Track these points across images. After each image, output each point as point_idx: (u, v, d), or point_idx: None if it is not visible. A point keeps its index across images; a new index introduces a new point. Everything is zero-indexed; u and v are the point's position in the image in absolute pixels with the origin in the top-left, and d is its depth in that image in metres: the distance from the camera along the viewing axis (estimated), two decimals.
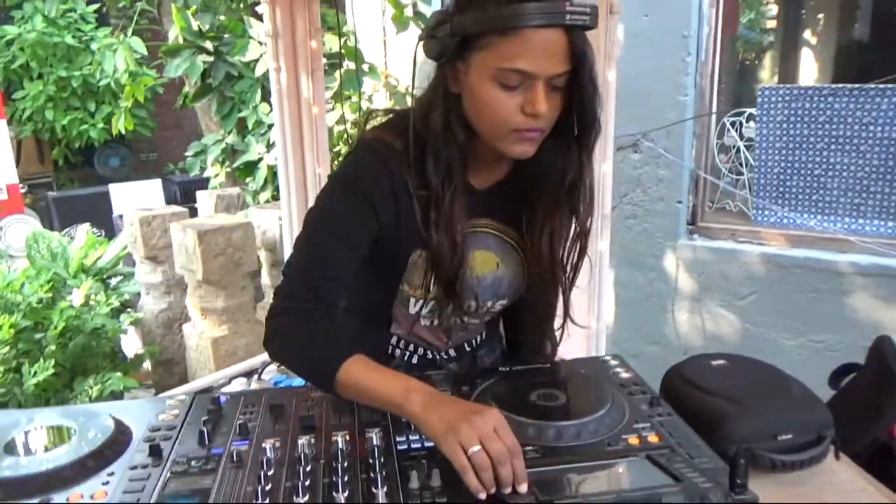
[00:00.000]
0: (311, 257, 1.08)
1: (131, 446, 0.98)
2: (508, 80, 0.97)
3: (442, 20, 0.99)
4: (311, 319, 1.05)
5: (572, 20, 0.93)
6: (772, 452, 1.02)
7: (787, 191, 3.08)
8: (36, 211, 8.24)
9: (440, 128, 1.04)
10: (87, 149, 9.18)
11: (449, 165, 1.05)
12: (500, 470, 0.83)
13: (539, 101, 0.97)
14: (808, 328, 2.98)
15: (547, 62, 0.95)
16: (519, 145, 1.02)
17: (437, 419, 0.88)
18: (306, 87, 2.73)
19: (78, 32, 8.38)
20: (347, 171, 1.12)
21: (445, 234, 1.07)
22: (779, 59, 5.82)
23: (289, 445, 0.97)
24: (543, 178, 1.11)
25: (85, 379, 2.96)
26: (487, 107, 1.00)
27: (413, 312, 1.20)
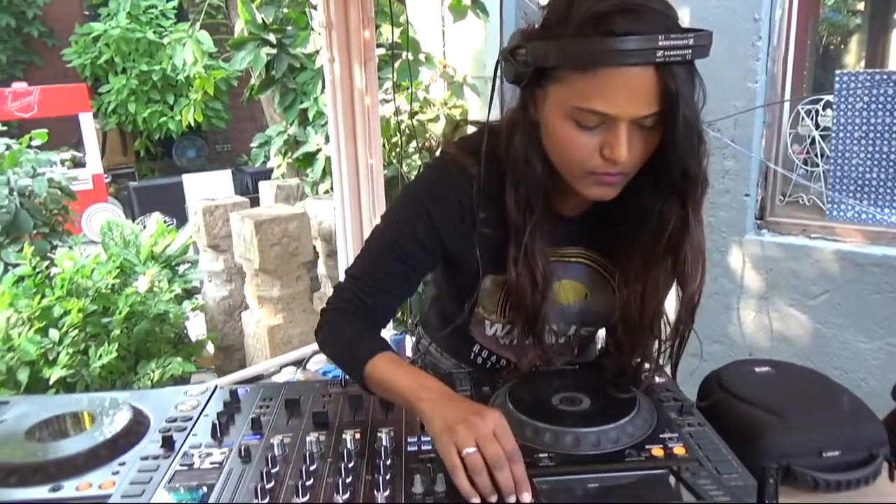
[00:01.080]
0: (367, 266, 1.09)
1: (146, 436, 0.99)
2: (585, 119, 0.86)
3: (519, 44, 0.89)
4: (354, 318, 1.07)
5: (665, 57, 0.80)
6: (815, 470, 0.94)
7: (865, 184, 2.87)
8: (119, 200, 8.66)
9: (520, 158, 0.95)
10: (167, 140, 9.58)
11: (528, 198, 0.97)
12: (497, 475, 0.78)
13: (619, 146, 0.85)
14: (885, 331, 2.78)
15: (630, 104, 0.83)
16: (597, 188, 0.92)
17: (439, 418, 0.85)
18: (359, 78, 2.73)
19: (158, 28, 8.72)
20: (418, 188, 1.09)
21: (526, 271, 0.99)
22: (866, 43, 5.46)
23: (298, 442, 0.96)
24: (640, 223, 0.98)
25: (148, 363, 3.08)
26: (562, 145, 0.90)
27: (490, 335, 1.16)
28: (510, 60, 0.91)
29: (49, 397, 1.15)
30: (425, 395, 0.90)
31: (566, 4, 0.84)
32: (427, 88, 3.63)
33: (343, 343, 1.07)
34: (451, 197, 1.02)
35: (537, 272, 0.99)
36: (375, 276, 1.07)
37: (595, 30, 0.80)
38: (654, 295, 1.01)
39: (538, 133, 0.94)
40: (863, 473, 0.94)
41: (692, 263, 0.97)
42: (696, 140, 0.87)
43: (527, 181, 0.96)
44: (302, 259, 3.28)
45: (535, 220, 0.98)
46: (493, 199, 1.00)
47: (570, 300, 1.10)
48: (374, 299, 1.07)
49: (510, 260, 1.00)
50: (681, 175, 0.90)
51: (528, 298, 1.01)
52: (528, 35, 0.90)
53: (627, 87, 0.82)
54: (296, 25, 4.18)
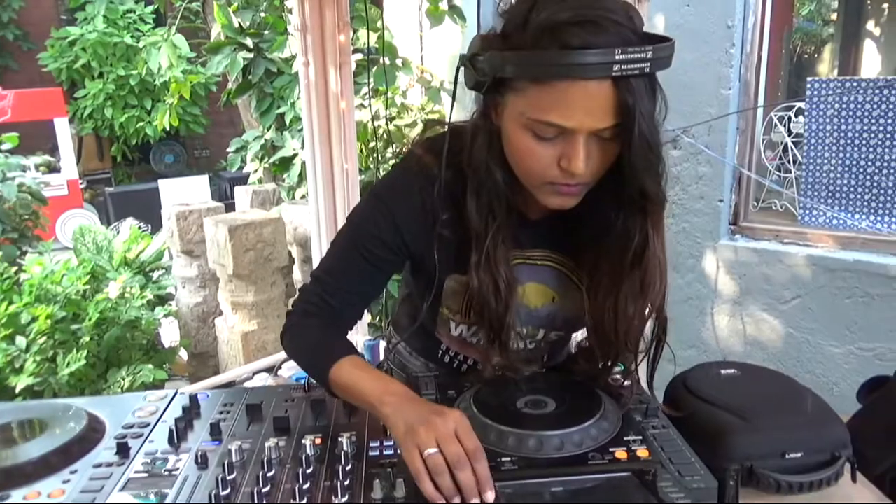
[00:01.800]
0: (331, 267, 1.08)
1: (101, 443, 0.96)
2: (542, 131, 0.84)
3: (478, 51, 0.87)
4: (319, 321, 1.06)
5: (623, 71, 0.78)
6: (778, 472, 0.94)
7: (837, 189, 2.91)
8: (95, 206, 8.55)
9: (481, 164, 0.94)
10: (144, 145, 9.48)
11: (490, 204, 0.95)
12: (459, 475, 0.77)
13: (577, 159, 0.84)
14: (856, 335, 2.81)
15: (587, 117, 0.81)
16: (555, 198, 0.91)
17: (400, 420, 0.84)
18: (335, 82, 2.71)
19: (136, 32, 8.64)
20: (382, 187, 1.07)
21: (488, 278, 0.97)
22: (838, 52, 5.55)
23: (258, 448, 0.94)
24: (605, 234, 0.97)
25: (118, 370, 3.03)
26: (520, 155, 0.89)
27: (455, 335, 1.14)
28: (469, 67, 0.89)
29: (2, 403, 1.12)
30: (388, 399, 0.89)
31: (524, 11, 0.82)
32: (405, 94, 3.62)
33: (308, 347, 1.05)
34: (414, 196, 1.00)
35: (500, 279, 0.97)
36: (339, 277, 1.06)
37: (551, 42, 0.79)
38: (626, 308, 0.99)
39: (499, 140, 0.92)
40: (825, 475, 0.94)
41: (654, 278, 0.96)
42: (653, 157, 0.86)
43: (488, 187, 0.95)
44: (277, 264, 3.25)
45: (497, 225, 0.96)
46: (457, 200, 0.99)
47: (538, 304, 1.09)
48: (338, 300, 1.06)
49: (472, 266, 0.98)
50: (639, 192, 0.89)
51: (490, 306, 0.99)
52: (488, 42, 0.87)
53: (584, 101, 0.80)
54: (273, 30, 4.16)
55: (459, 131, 0.99)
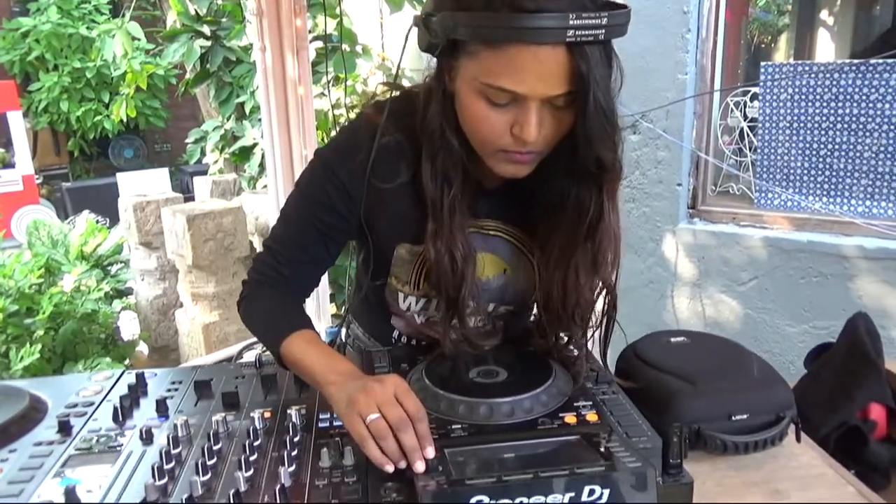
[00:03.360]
0: (282, 236, 1.06)
1: (42, 423, 0.94)
2: (495, 96, 0.83)
3: (430, 13, 0.85)
4: (273, 291, 1.05)
5: (577, 36, 0.76)
6: (725, 433, 0.95)
7: (791, 172, 2.97)
8: (51, 201, 8.34)
9: (436, 129, 0.91)
10: (103, 140, 9.26)
11: (446, 171, 0.93)
12: (402, 437, 0.77)
13: (529, 126, 0.82)
14: (811, 314, 2.88)
15: (540, 83, 0.80)
16: (508, 166, 0.90)
17: (342, 394, 0.83)
18: (292, 67, 2.68)
19: (92, 23, 8.42)
20: (329, 150, 1.04)
21: (445, 248, 0.95)
22: (794, 41, 5.65)
23: (205, 422, 0.92)
24: (558, 206, 0.96)
25: (75, 364, 2.96)
26: (473, 121, 0.87)
27: (403, 308, 1.11)
28: (422, 28, 0.87)
29: None
30: (333, 377, 0.88)
31: None
32: (366, 81, 3.59)
33: (261, 318, 1.04)
34: (362, 158, 0.97)
35: (456, 249, 0.95)
36: (290, 246, 1.04)
37: (504, 4, 0.77)
38: (576, 282, 0.98)
39: (453, 105, 0.90)
40: (769, 434, 0.96)
41: (606, 251, 0.95)
42: (608, 126, 0.84)
43: (443, 154, 0.92)
44: (238, 254, 3.20)
45: (453, 193, 0.94)
46: (411, 166, 0.97)
47: (490, 274, 1.08)
48: (290, 269, 1.04)
49: (428, 235, 0.96)
50: (595, 162, 0.87)
51: (447, 277, 0.97)
52: (441, 3, 0.85)
53: (536, 66, 0.78)
54: (231, 17, 4.09)
55: (412, 94, 0.98)
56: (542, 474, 0.76)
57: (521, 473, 0.76)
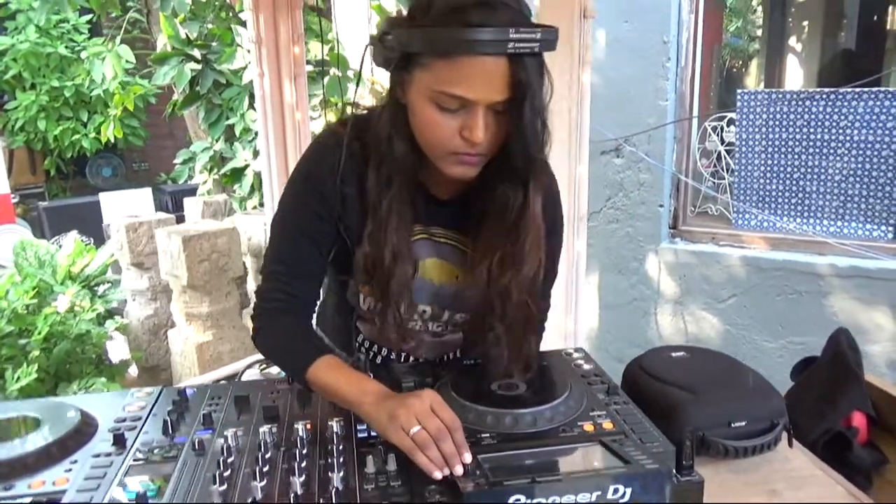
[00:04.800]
0: (277, 256, 1.11)
1: (96, 436, 1.00)
2: (446, 103, 0.92)
3: (387, 30, 0.95)
4: (284, 317, 1.10)
5: (515, 48, 0.87)
6: (725, 439, 1.05)
7: (767, 194, 3.11)
8: (27, 221, 8.24)
9: (384, 137, 1.00)
10: (80, 159, 9.20)
11: (389, 176, 1.01)
12: (442, 445, 0.85)
13: (476, 128, 0.92)
14: (787, 330, 3.01)
15: (486, 89, 0.90)
16: (458, 167, 0.98)
17: (381, 412, 0.91)
18: (289, 93, 2.76)
19: (71, 43, 8.41)
20: (301, 165, 1.12)
21: (376, 245, 1.04)
22: (765, 66, 5.88)
23: (251, 434, 0.99)
24: (489, 204, 1.04)
25: (69, 384, 2.97)
26: (425, 126, 0.96)
27: (364, 308, 1.18)
28: (378, 45, 0.96)
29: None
30: (367, 398, 0.95)
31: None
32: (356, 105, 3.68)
33: (281, 349, 1.10)
34: (331, 165, 1.05)
35: (386, 248, 1.03)
36: (289, 262, 1.09)
37: (454, 20, 0.87)
38: (499, 276, 1.04)
39: (404, 114, 0.99)
40: (766, 440, 1.06)
41: (532, 243, 1.04)
42: (539, 126, 0.95)
43: (389, 159, 1.01)
44: (232, 275, 3.25)
45: (392, 195, 1.02)
46: (362, 173, 1.05)
47: (442, 280, 1.14)
48: (294, 286, 1.10)
49: (365, 234, 1.04)
50: (524, 158, 0.97)
51: (381, 273, 1.05)
52: (395, 22, 0.96)
53: (483, 74, 0.89)
54: (221, 41, 4.16)
55: (372, 110, 1.08)
56: (571, 475, 0.85)
57: (551, 475, 0.85)
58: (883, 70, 5.46)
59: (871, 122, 2.80)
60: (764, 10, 6.01)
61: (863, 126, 2.82)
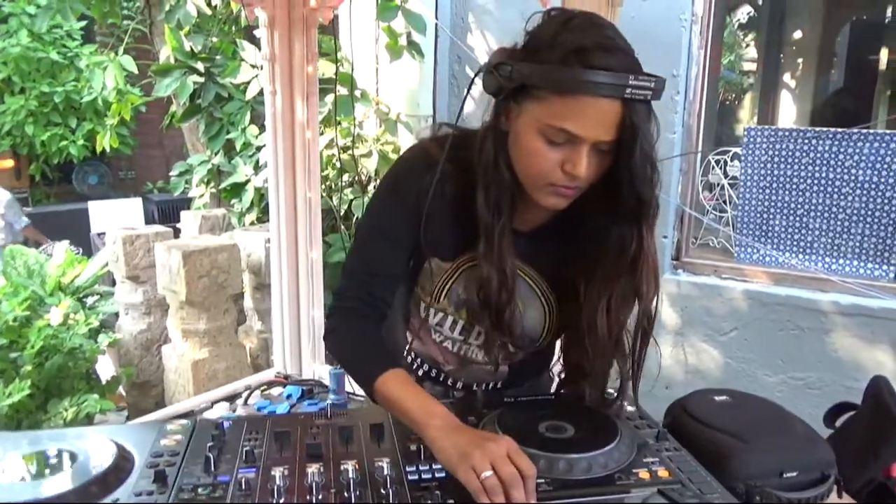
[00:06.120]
0: (359, 259, 1.17)
1: (134, 472, 0.96)
2: (554, 136, 0.96)
3: (503, 61, 0.98)
4: (360, 320, 1.14)
5: (632, 94, 0.92)
6: (777, 490, 1.03)
7: (769, 229, 3.14)
8: None
9: (490, 162, 1.04)
10: (66, 165, 9.07)
11: (498, 200, 1.05)
12: (514, 493, 0.84)
13: (580, 164, 0.96)
14: (788, 365, 3.02)
15: (596, 129, 0.93)
16: (552, 198, 1.03)
17: (451, 446, 0.90)
18: (301, 111, 2.74)
19: (63, 49, 8.34)
20: (391, 172, 1.18)
21: (495, 269, 1.07)
22: (758, 101, 5.97)
23: (297, 474, 0.96)
24: (600, 243, 1.07)
25: (60, 401, 2.89)
26: (529, 156, 1.00)
27: (422, 317, 1.22)
28: (494, 73, 0.99)
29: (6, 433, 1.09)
30: (434, 422, 0.95)
31: (553, 34, 0.95)
32: (361, 124, 3.66)
33: (352, 355, 1.14)
34: (418, 179, 1.09)
35: (506, 268, 1.07)
36: (372, 265, 1.14)
37: (577, 61, 0.91)
38: (618, 310, 1.08)
39: (506, 142, 1.03)
40: (818, 492, 1.04)
41: (648, 279, 1.06)
42: (650, 169, 0.98)
43: (496, 184, 1.04)
44: (231, 291, 3.20)
45: (504, 220, 1.06)
46: (457, 194, 1.08)
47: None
48: (374, 288, 1.14)
49: (480, 256, 1.07)
50: (635, 199, 0.99)
51: (495, 294, 1.08)
52: (512, 55, 0.99)
53: (596, 114, 0.92)
54: (224, 55, 4.13)
55: (466, 133, 1.10)
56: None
57: None
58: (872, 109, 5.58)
59: (876, 164, 2.84)
60: (758, 47, 6.12)
61: (868, 167, 2.86)
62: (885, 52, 5.63)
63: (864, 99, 5.61)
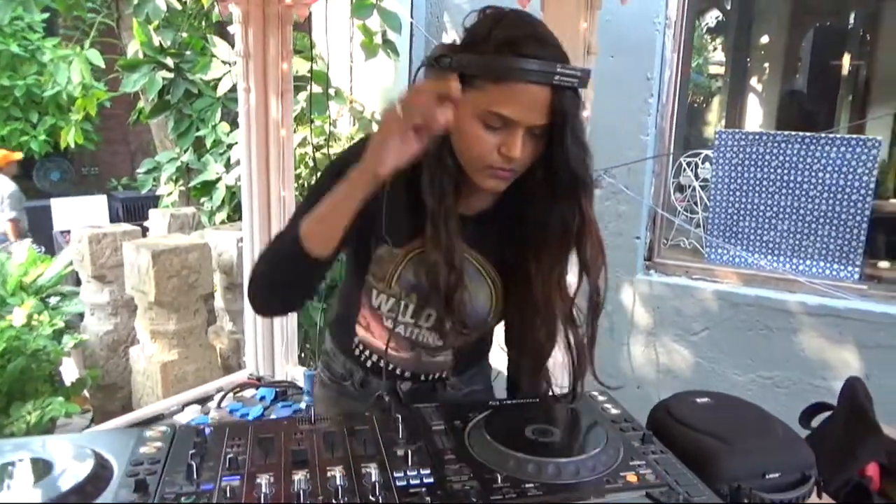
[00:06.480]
0: (298, 212, 1.17)
1: (113, 481, 0.93)
2: (491, 121, 1.03)
3: (444, 54, 1.03)
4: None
5: (560, 81, 0.99)
6: (760, 491, 1.04)
7: (739, 230, 3.19)
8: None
9: (434, 149, 1.08)
10: (26, 161, 8.82)
11: (442, 185, 1.10)
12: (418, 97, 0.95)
13: (515, 146, 1.03)
14: (757, 364, 3.08)
15: (529, 113, 1.01)
16: (492, 181, 1.09)
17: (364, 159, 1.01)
18: (275, 109, 2.70)
19: (24, 41, 8.10)
20: (336, 157, 1.24)
21: (442, 252, 1.11)
22: (726, 104, 6.08)
23: (283, 481, 0.94)
24: (544, 225, 1.12)
25: (23, 404, 2.81)
26: (469, 140, 1.06)
27: (375, 305, 1.25)
28: (435, 66, 1.05)
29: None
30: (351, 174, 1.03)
31: (488, 28, 1.03)
32: (335, 123, 3.63)
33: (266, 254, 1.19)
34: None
35: (454, 251, 1.11)
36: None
37: (510, 51, 0.99)
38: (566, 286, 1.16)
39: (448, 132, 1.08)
40: (800, 493, 1.06)
41: (594, 251, 1.13)
42: (582, 150, 1.05)
43: (440, 170, 1.10)
44: (201, 291, 3.14)
45: (449, 204, 1.11)
46: (404, 181, 1.12)
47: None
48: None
49: (428, 240, 1.11)
50: (571, 179, 1.06)
51: (445, 277, 1.12)
52: (451, 48, 1.05)
53: (528, 100, 1.00)
54: (194, 51, 4.06)
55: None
56: None
57: None
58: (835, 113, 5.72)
59: (842, 167, 2.91)
60: (726, 50, 6.23)
61: (834, 170, 2.93)
62: (848, 57, 5.78)
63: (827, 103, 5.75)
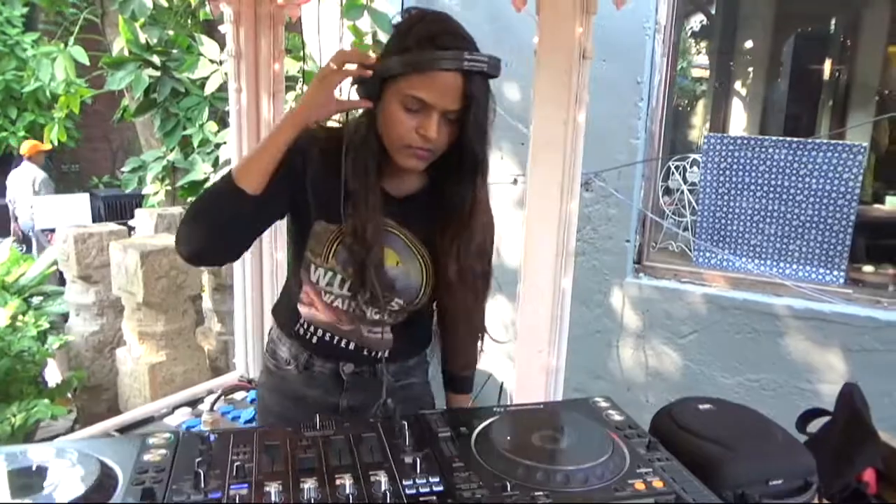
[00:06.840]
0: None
1: (119, 490, 0.92)
2: (410, 104, 1.15)
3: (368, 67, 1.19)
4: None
5: (469, 66, 1.13)
6: (763, 497, 1.05)
7: (727, 234, 3.22)
8: None
9: (360, 134, 1.22)
10: (5, 157, 8.69)
11: (365, 163, 1.22)
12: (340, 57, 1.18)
13: (431, 127, 1.16)
14: (744, 367, 3.11)
15: (443, 97, 1.14)
16: (412, 160, 1.21)
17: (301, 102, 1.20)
18: (266, 109, 2.68)
19: (3, 36, 7.98)
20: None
21: (361, 223, 1.23)
22: (710, 108, 6.13)
23: (291, 489, 0.93)
24: (450, 203, 1.28)
25: (7, 406, 2.77)
26: (391, 122, 1.18)
27: (314, 280, 1.33)
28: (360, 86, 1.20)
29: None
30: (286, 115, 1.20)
31: (411, 25, 1.18)
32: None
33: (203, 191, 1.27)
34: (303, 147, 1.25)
35: (370, 223, 1.23)
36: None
37: (430, 45, 1.13)
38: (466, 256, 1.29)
39: (375, 118, 1.22)
40: (802, 499, 1.07)
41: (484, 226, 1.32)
42: (481, 133, 1.19)
43: (364, 149, 1.22)
44: (189, 292, 3.11)
45: (371, 181, 1.23)
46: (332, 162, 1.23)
47: (387, 263, 1.31)
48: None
49: (351, 213, 1.23)
50: (471, 158, 1.22)
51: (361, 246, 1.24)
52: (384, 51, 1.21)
53: (442, 85, 1.14)
54: (181, 49, 4.02)
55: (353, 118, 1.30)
56: None
57: None
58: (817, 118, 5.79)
59: (828, 172, 2.94)
60: (710, 54, 6.29)
61: (820, 175, 2.97)
62: (829, 63, 5.86)
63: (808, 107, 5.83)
